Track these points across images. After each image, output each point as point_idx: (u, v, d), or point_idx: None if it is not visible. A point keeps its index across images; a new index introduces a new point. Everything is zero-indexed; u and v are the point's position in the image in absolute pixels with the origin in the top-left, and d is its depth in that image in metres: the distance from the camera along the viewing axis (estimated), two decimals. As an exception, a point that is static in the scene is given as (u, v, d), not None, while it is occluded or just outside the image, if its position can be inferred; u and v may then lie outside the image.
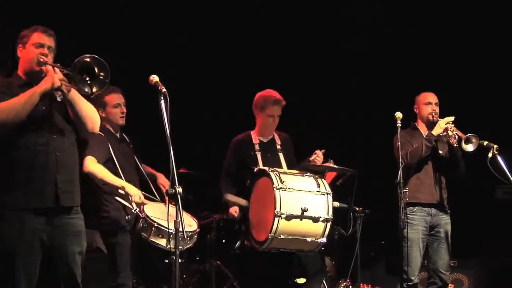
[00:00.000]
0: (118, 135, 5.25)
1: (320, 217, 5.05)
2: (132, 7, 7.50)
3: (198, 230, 5.10)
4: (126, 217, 4.92)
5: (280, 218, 4.93)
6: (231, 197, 5.49)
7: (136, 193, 4.81)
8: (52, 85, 3.94)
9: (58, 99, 4.05)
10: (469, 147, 5.43)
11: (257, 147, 5.59)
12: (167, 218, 4.26)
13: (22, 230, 3.94)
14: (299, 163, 5.62)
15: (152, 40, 7.69)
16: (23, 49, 4.13)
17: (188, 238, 4.94)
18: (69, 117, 4.12)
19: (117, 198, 4.88)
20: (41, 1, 6.61)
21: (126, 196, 4.82)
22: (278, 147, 5.64)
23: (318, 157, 5.54)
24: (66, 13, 6.74)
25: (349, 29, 8.19)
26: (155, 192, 5.28)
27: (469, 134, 5.43)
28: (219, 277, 6.90)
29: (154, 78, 4.26)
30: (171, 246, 4.73)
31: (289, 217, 4.97)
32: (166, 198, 5.01)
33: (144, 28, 7.61)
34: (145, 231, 4.87)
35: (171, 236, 4.68)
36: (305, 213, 5.00)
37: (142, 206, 4.84)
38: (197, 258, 7.18)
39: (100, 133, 4.63)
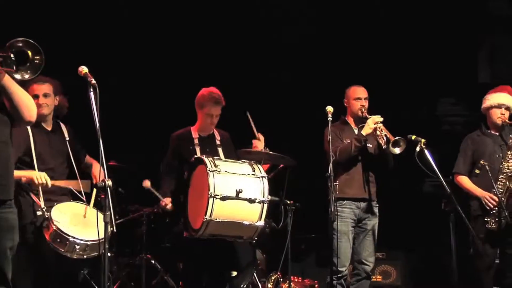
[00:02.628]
0: (47, 125, 5.13)
1: (256, 198, 5.03)
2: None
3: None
4: (37, 212, 4.80)
5: (214, 199, 4.89)
6: (167, 201, 5.49)
7: (35, 174, 4.70)
8: None
9: None
10: (396, 150, 5.53)
11: (196, 141, 5.58)
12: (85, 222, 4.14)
13: None
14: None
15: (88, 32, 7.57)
16: None
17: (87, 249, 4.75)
18: (2, 106, 3.97)
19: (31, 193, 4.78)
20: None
21: (36, 187, 4.71)
22: (218, 142, 5.64)
23: (259, 140, 5.55)
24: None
25: (280, 22, 8.22)
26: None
27: (397, 138, 5.52)
28: (149, 271, 6.85)
29: (83, 69, 4.19)
30: (72, 254, 4.66)
31: (224, 198, 4.93)
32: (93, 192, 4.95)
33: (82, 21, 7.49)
34: (46, 232, 4.74)
35: (69, 242, 4.61)
36: (240, 195, 4.97)
37: (49, 186, 4.71)
38: (127, 251, 7.12)
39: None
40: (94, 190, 5.00)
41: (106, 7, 7.66)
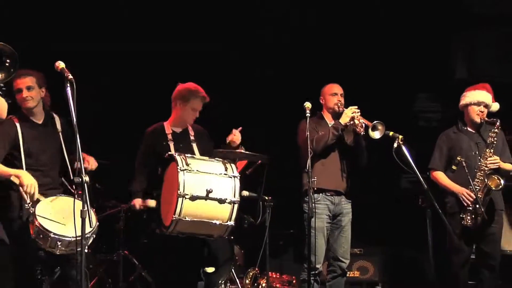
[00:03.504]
0: (36, 118, 5.09)
1: (226, 199, 5.02)
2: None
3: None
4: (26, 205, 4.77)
5: (184, 198, 4.88)
6: (137, 202, 5.43)
7: (28, 183, 4.64)
8: None
9: None
10: (376, 134, 5.54)
11: (169, 137, 5.53)
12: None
13: None
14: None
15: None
16: None
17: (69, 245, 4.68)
18: None
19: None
20: None
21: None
22: (192, 138, 5.60)
23: (235, 135, 5.54)
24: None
25: (258, 20, 8.22)
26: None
27: (375, 122, 5.54)
28: (127, 267, 6.84)
29: (60, 64, 4.16)
30: (55, 250, 4.63)
31: (193, 198, 4.92)
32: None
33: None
34: (31, 227, 4.70)
35: (50, 238, 4.58)
36: (210, 195, 4.96)
37: (34, 198, 4.68)
38: (104, 248, 7.09)
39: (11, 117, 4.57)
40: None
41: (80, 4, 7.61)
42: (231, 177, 5.12)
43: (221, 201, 5.02)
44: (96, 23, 7.63)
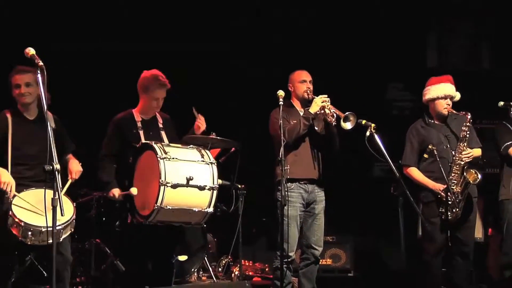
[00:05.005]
0: (29, 114, 5.07)
1: (206, 185, 5.03)
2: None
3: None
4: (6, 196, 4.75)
5: (166, 187, 4.87)
6: (116, 192, 5.38)
7: (5, 181, 4.69)
8: None
9: None
10: (348, 125, 5.52)
11: (139, 124, 5.48)
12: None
13: None
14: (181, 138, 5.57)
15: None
16: None
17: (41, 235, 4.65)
18: None
19: None
20: None
21: None
22: (160, 125, 5.56)
23: (199, 120, 5.53)
24: None
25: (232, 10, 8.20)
26: None
27: (347, 113, 5.54)
28: (99, 256, 6.80)
29: (30, 51, 4.12)
30: (27, 240, 4.61)
31: (174, 186, 4.91)
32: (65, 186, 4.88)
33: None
34: (9, 218, 4.68)
35: (22, 228, 4.57)
36: (191, 182, 4.96)
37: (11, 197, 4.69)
38: (76, 237, 7.04)
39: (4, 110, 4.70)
40: (69, 182, 4.94)
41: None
42: (208, 164, 5.13)
43: (201, 188, 5.02)
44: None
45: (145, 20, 8.02)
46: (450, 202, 5.61)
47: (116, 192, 5.36)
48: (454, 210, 5.61)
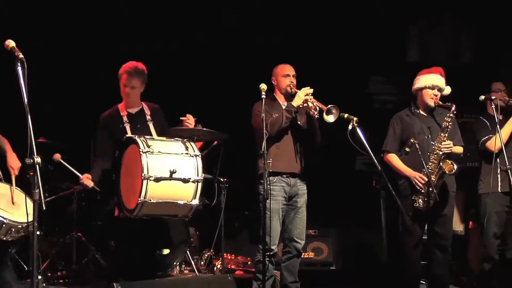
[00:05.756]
0: None
1: (190, 178, 5.02)
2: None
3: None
4: None
5: (148, 180, 4.86)
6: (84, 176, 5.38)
7: None
8: None
9: None
10: (330, 118, 5.53)
11: (125, 119, 5.47)
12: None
13: None
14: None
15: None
16: None
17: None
18: None
19: None
20: None
21: None
22: (148, 117, 5.55)
23: (188, 120, 5.52)
24: None
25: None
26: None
27: (330, 106, 5.54)
28: (80, 249, 6.78)
29: (10, 43, 4.06)
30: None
31: (157, 180, 4.90)
32: (13, 181, 4.85)
33: None
34: None
35: None
36: (174, 175, 4.95)
37: None
38: (57, 230, 7.02)
39: None
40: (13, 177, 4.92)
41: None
42: (192, 156, 5.12)
43: (185, 181, 5.02)
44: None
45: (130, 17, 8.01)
46: (423, 191, 5.66)
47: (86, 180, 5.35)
48: (426, 199, 5.66)
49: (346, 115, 5.40)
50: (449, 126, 5.74)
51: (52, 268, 6.68)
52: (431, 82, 5.87)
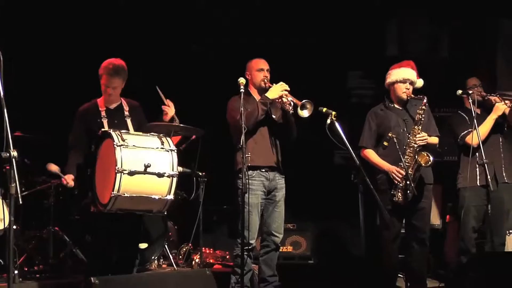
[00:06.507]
0: None
1: (165, 172, 4.99)
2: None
3: None
4: None
5: (122, 174, 4.82)
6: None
7: None
8: None
9: None
10: (305, 113, 5.54)
11: (103, 113, 5.45)
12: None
13: None
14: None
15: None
16: None
17: None
18: None
19: None
20: None
21: None
22: (126, 113, 5.52)
23: (167, 105, 5.51)
24: None
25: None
26: None
27: (304, 101, 5.54)
28: (57, 243, 6.74)
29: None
30: None
31: (132, 173, 4.86)
32: None
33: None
34: None
35: None
36: (148, 169, 4.92)
37: None
38: (34, 224, 6.96)
39: None
40: None
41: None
42: (168, 151, 5.09)
43: (160, 175, 4.98)
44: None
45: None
46: (401, 185, 5.69)
47: (69, 178, 5.32)
48: (404, 193, 5.68)
49: (324, 109, 5.39)
50: (422, 118, 5.79)
51: (28, 262, 6.63)
52: (402, 76, 5.92)
